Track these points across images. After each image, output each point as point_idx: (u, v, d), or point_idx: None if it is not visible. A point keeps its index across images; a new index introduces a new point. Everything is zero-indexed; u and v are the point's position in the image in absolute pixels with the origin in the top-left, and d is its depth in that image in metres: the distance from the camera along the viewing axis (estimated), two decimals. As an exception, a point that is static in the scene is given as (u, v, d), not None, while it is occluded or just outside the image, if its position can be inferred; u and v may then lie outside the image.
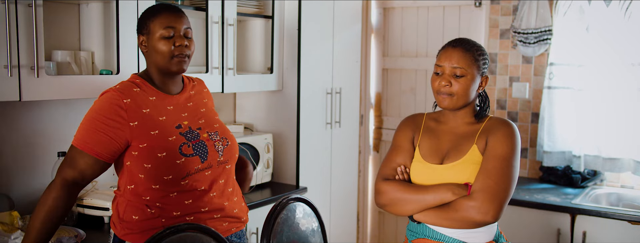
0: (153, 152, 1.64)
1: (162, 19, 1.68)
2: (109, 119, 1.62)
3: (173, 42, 1.68)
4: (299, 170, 2.99)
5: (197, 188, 1.69)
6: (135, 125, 1.63)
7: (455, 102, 1.76)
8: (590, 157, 3.11)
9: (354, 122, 3.43)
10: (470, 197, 1.68)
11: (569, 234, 2.73)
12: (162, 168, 1.64)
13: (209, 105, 1.88)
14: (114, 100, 1.63)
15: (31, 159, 2.20)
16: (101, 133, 1.61)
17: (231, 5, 2.62)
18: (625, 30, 2.96)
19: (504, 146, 1.73)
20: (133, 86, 1.69)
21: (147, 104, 1.67)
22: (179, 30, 1.70)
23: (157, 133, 1.65)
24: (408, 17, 3.77)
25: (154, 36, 1.68)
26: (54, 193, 1.61)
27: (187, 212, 1.68)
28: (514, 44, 3.32)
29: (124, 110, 1.62)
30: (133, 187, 1.67)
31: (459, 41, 1.78)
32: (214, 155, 1.73)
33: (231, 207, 1.78)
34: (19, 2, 1.80)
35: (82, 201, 2.14)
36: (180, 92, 1.79)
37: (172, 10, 1.71)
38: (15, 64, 1.81)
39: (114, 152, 1.64)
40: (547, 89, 3.18)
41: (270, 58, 2.93)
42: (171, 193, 1.67)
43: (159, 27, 1.68)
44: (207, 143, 1.73)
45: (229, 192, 1.79)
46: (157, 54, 1.69)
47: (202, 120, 1.78)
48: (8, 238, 1.77)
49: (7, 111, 2.11)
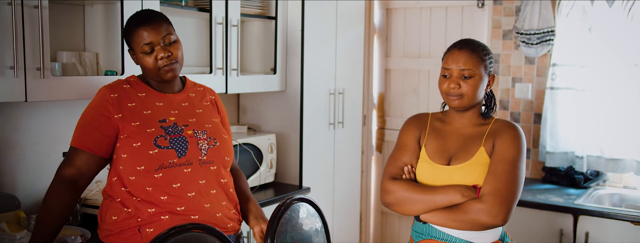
0: (130, 142, 1.68)
1: (138, 36, 1.71)
2: (98, 114, 1.69)
3: (155, 56, 1.72)
4: (302, 171, 3.00)
5: (172, 184, 1.69)
6: (119, 117, 1.69)
7: (466, 103, 1.77)
8: (592, 157, 3.11)
9: (356, 122, 3.44)
10: (479, 199, 1.69)
11: (572, 235, 2.73)
12: (136, 158, 1.67)
13: (210, 111, 1.88)
14: (102, 96, 1.71)
15: (37, 159, 2.21)
16: (92, 129, 1.68)
17: (235, 6, 2.63)
18: (627, 31, 2.96)
19: (512, 149, 1.74)
20: (124, 83, 1.77)
21: (133, 99, 1.73)
22: (157, 41, 1.72)
23: (138, 124, 1.70)
24: (411, 17, 3.77)
25: (137, 51, 1.74)
26: (52, 191, 1.67)
27: (163, 210, 1.67)
28: (517, 45, 3.32)
29: (110, 103, 1.69)
30: (116, 179, 1.71)
31: (464, 42, 1.79)
32: (195, 152, 1.73)
33: (213, 210, 1.74)
34: (25, 4, 1.82)
35: (86, 201, 2.15)
36: (177, 92, 1.83)
37: (146, 22, 1.72)
38: (21, 65, 1.83)
39: (107, 145, 1.70)
40: (549, 89, 3.18)
41: (273, 59, 2.94)
42: (147, 187, 1.68)
43: (137, 44, 1.72)
44: (189, 139, 1.74)
45: (212, 194, 1.76)
46: (144, 68, 1.75)
47: (192, 119, 1.80)
48: (14, 237, 1.78)
49: (13, 112, 2.13)
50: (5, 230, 1.81)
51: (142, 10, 1.79)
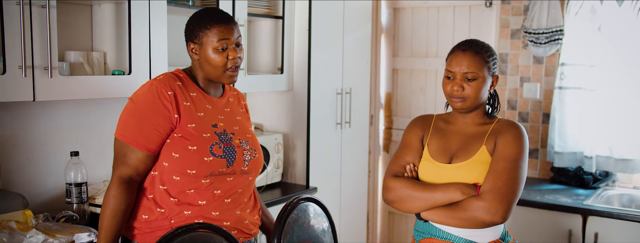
0: (184, 144, 1.64)
1: (215, 32, 1.65)
2: (156, 112, 1.62)
3: (227, 55, 1.67)
4: (309, 170, 3.00)
5: (214, 190, 1.70)
6: (177, 117, 1.65)
7: (469, 105, 1.78)
8: (602, 157, 3.09)
9: (364, 122, 3.43)
10: (479, 197, 1.69)
11: (581, 235, 2.72)
12: (189, 161, 1.64)
13: (246, 119, 1.89)
14: (158, 91, 1.63)
15: (45, 159, 2.22)
16: (151, 129, 1.62)
17: (242, 6, 2.63)
18: (637, 31, 2.94)
19: (513, 148, 1.74)
20: (175, 79, 1.68)
21: (187, 98, 1.68)
22: (232, 41, 1.67)
23: (194, 126, 1.66)
24: (418, 17, 3.76)
25: (206, 47, 1.67)
26: (113, 192, 1.63)
27: (198, 214, 1.68)
28: (525, 44, 3.30)
29: (168, 101, 1.63)
30: (156, 174, 1.68)
31: (467, 44, 1.78)
32: (240, 163, 1.73)
33: (242, 218, 1.77)
34: (33, 4, 1.83)
35: (94, 201, 2.16)
36: (220, 96, 1.80)
37: (225, 21, 1.68)
38: (29, 64, 1.83)
39: (162, 144, 1.66)
40: (558, 89, 3.16)
41: (280, 58, 2.94)
42: (188, 190, 1.67)
43: (212, 40, 1.65)
44: (237, 149, 1.73)
45: (244, 202, 1.78)
46: (210, 65, 1.68)
47: (236, 127, 1.78)
48: (24, 236, 1.79)
49: (21, 111, 2.14)
50: (15, 229, 1.82)
51: (215, 9, 1.74)
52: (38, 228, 1.88)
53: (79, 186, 2.11)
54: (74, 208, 2.11)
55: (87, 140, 2.33)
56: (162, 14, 2.22)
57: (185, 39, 1.73)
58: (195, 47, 1.69)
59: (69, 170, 2.11)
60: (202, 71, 1.72)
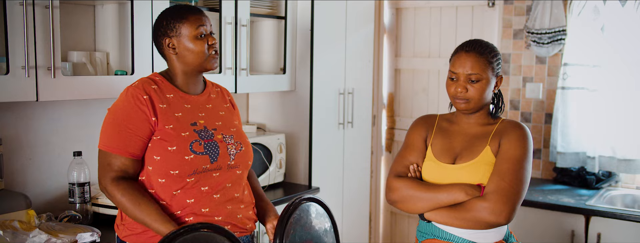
0: (164, 145, 1.65)
1: (192, 21, 1.70)
2: (134, 117, 1.64)
3: (206, 41, 1.71)
4: (311, 171, 3.00)
5: (201, 187, 1.70)
6: (155, 120, 1.66)
7: (473, 106, 1.77)
8: (604, 158, 3.09)
9: (366, 122, 3.43)
10: (483, 198, 1.68)
11: (583, 236, 2.71)
12: (170, 162, 1.65)
13: (231, 113, 1.88)
14: (134, 97, 1.65)
15: (47, 159, 2.23)
16: (131, 134, 1.63)
17: (244, 6, 2.63)
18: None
19: (517, 148, 1.73)
20: (151, 83, 1.70)
21: (163, 100, 1.69)
22: (208, 29, 1.73)
23: (172, 127, 1.67)
24: (421, 17, 3.76)
25: (185, 38, 1.70)
26: (118, 193, 1.62)
27: (188, 212, 1.68)
28: (528, 44, 3.30)
29: (145, 105, 1.65)
30: (144, 179, 1.69)
31: (471, 45, 1.77)
32: (225, 157, 1.74)
33: (234, 212, 1.77)
34: (36, 4, 1.83)
35: (97, 200, 2.17)
36: (200, 93, 1.81)
37: (198, 11, 1.73)
38: (32, 64, 1.84)
39: (144, 148, 1.67)
40: (560, 89, 3.16)
41: (283, 58, 2.95)
42: (175, 191, 1.68)
43: (190, 28, 1.69)
44: (220, 144, 1.73)
45: (235, 197, 1.78)
46: (192, 54, 1.71)
47: (219, 122, 1.79)
48: (27, 236, 1.79)
49: (24, 111, 2.15)
50: (18, 229, 1.82)
51: (179, 4, 1.78)
52: (41, 228, 1.89)
53: (81, 186, 2.12)
54: (77, 208, 2.11)
55: (90, 140, 2.33)
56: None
57: (157, 37, 1.73)
58: (171, 41, 1.71)
59: (72, 170, 2.11)
60: (182, 65, 1.73)
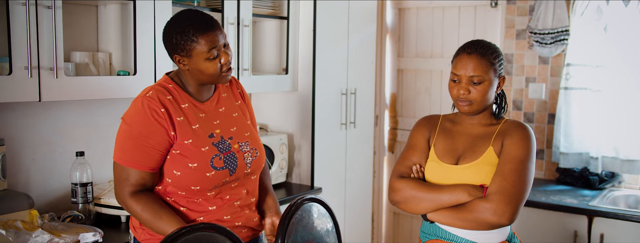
0: (184, 161, 1.63)
1: (203, 43, 1.59)
2: (154, 133, 1.59)
3: (219, 60, 1.62)
4: (313, 171, 3.00)
5: (222, 197, 1.71)
6: (173, 134, 1.62)
7: (475, 108, 1.76)
8: (608, 158, 3.08)
9: (369, 122, 3.43)
10: (486, 198, 1.68)
11: (586, 237, 2.70)
12: (191, 178, 1.64)
13: (241, 107, 1.84)
14: (150, 110, 1.59)
15: (50, 159, 2.23)
16: (150, 149, 1.60)
17: (247, 6, 2.63)
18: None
19: (520, 149, 1.72)
20: (165, 93, 1.64)
21: (179, 113, 1.64)
22: (221, 46, 1.63)
23: (191, 142, 1.64)
24: (423, 17, 3.76)
25: (196, 59, 1.61)
26: (138, 208, 1.60)
27: (211, 219, 1.70)
28: (531, 45, 3.29)
29: (163, 119, 1.60)
30: (160, 188, 1.69)
31: (473, 46, 1.76)
32: (242, 167, 1.73)
33: (251, 217, 1.79)
34: (38, 4, 1.83)
35: (99, 201, 2.17)
36: (211, 96, 1.75)
37: (210, 28, 1.60)
38: (35, 65, 1.84)
39: (163, 160, 1.65)
40: (563, 89, 3.15)
41: (285, 59, 2.95)
42: (196, 200, 1.69)
43: (202, 51, 1.59)
44: (237, 155, 1.72)
45: (250, 202, 1.80)
46: (204, 74, 1.64)
47: (233, 128, 1.76)
48: (29, 236, 1.80)
49: (27, 111, 2.15)
50: (21, 229, 1.83)
51: (192, 12, 1.64)
52: (44, 228, 1.89)
53: (84, 186, 2.12)
54: (80, 208, 2.12)
55: (92, 140, 2.34)
56: (167, 15, 2.23)
57: (168, 51, 1.65)
58: (183, 59, 1.63)
59: (75, 170, 2.12)
60: (194, 79, 1.68)
